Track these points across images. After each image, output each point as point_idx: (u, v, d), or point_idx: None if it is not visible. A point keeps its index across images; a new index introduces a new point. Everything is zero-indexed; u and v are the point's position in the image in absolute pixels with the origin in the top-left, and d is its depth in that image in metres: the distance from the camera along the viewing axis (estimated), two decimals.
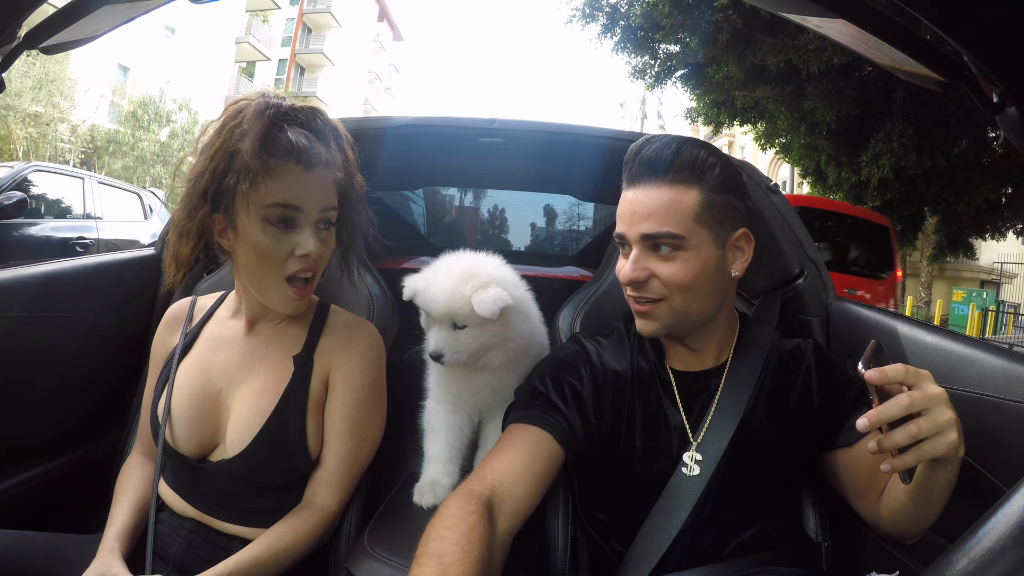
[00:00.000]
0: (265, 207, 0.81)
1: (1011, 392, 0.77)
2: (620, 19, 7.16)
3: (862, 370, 0.61)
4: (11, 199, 4.22)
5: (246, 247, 0.84)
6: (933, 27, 0.43)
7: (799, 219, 1.21)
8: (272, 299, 0.87)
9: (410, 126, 1.34)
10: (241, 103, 0.85)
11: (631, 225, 0.82)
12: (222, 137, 0.82)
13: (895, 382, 0.61)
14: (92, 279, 1.13)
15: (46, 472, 1.06)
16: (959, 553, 0.34)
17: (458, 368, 1.00)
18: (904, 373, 0.61)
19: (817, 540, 0.92)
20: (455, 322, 0.93)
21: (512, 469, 0.77)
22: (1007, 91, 0.47)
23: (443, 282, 0.92)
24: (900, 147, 6.15)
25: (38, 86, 12.90)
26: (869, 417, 0.60)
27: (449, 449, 1.02)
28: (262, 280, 0.86)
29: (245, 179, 0.79)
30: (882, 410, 0.60)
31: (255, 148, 0.79)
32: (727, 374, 0.87)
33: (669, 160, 0.80)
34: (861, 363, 0.62)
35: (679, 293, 0.81)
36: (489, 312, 0.88)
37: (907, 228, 8.63)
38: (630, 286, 0.84)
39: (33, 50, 0.65)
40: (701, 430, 0.83)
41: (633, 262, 0.82)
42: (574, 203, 2.67)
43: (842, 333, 1.10)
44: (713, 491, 0.81)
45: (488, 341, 0.94)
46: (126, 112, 15.90)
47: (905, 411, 0.60)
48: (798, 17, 0.57)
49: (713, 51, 6.38)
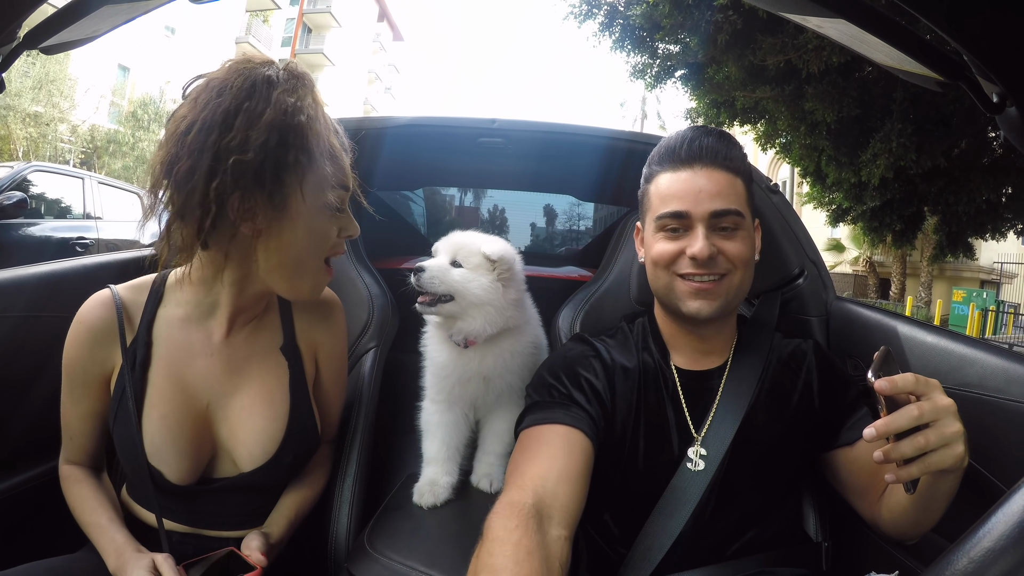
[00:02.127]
0: (332, 189, 0.78)
1: (1011, 392, 0.77)
2: (618, 17, 7.15)
3: (872, 379, 0.60)
4: (11, 199, 4.23)
5: (293, 232, 0.76)
6: (933, 27, 0.43)
7: (799, 219, 1.21)
8: (303, 286, 0.82)
9: (410, 126, 1.34)
10: (259, 70, 0.73)
11: (697, 203, 0.83)
12: (262, 104, 0.70)
13: (905, 392, 0.61)
14: (92, 279, 1.13)
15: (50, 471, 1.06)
16: (959, 553, 0.34)
17: (449, 354, 1.01)
18: (914, 383, 0.60)
19: (817, 540, 0.92)
20: (455, 259, 0.98)
21: (552, 471, 0.72)
22: (1007, 91, 0.47)
23: (467, 232, 1.02)
24: (899, 147, 6.17)
25: (38, 86, 12.92)
26: (877, 427, 0.59)
27: (447, 449, 1.02)
28: (302, 266, 0.80)
29: (315, 159, 0.74)
30: (891, 421, 0.59)
31: (330, 127, 0.77)
32: (728, 373, 0.87)
33: (725, 150, 0.86)
34: (871, 372, 0.61)
35: (741, 268, 0.85)
36: (492, 250, 0.95)
37: (906, 228, 8.64)
38: (700, 263, 0.83)
39: (33, 50, 0.64)
40: (704, 428, 0.83)
41: (704, 238, 0.83)
42: (574, 203, 2.67)
43: (842, 333, 1.10)
44: (715, 491, 0.81)
45: (470, 291, 0.96)
46: (126, 112, 15.96)
47: (914, 423, 0.59)
48: (798, 17, 0.57)
49: (713, 51, 6.42)
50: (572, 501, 0.71)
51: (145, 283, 0.86)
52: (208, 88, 0.72)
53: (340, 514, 0.96)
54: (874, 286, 14.50)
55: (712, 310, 0.85)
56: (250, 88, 0.71)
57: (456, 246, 0.99)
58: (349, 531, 0.94)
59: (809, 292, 1.14)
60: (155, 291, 0.85)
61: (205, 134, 0.69)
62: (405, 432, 1.11)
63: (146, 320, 0.82)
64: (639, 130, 9.62)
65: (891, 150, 6.19)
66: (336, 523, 0.96)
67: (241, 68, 0.73)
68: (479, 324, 0.97)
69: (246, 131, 0.69)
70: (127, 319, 0.82)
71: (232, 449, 0.82)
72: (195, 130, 0.69)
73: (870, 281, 14.66)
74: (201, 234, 0.72)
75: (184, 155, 0.69)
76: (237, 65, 0.74)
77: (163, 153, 0.72)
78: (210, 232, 0.73)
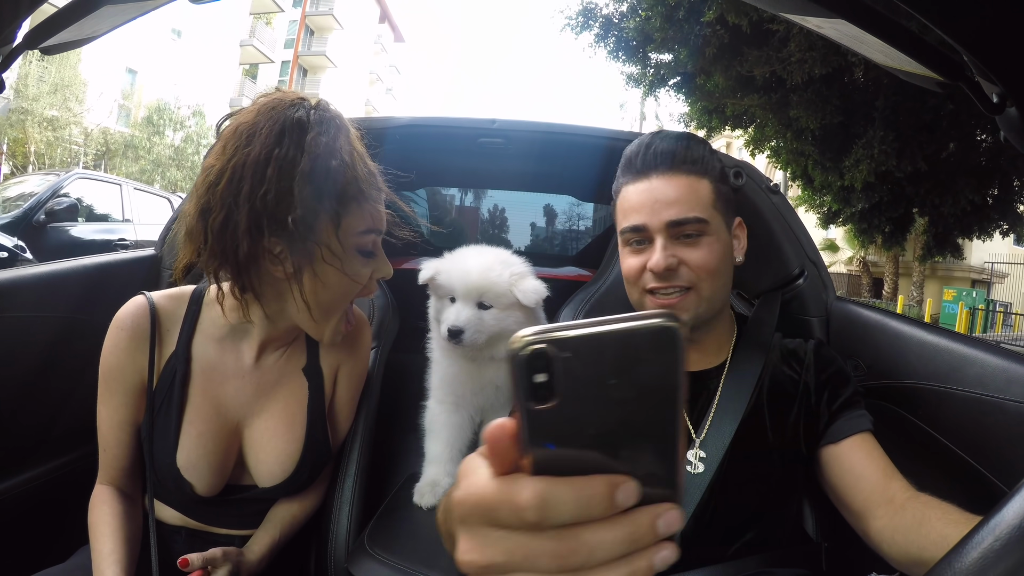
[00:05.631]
0: (366, 234, 0.77)
1: (1011, 392, 0.77)
2: (613, 29, 7.47)
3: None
4: (62, 204, 4.62)
5: (326, 276, 0.75)
6: (933, 27, 0.43)
7: (799, 219, 1.21)
8: (326, 329, 0.81)
9: (410, 126, 1.34)
10: (289, 112, 0.71)
11: (654, 214, 0.81)
12: (293, 150, 0.69)
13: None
14: (92, 279, 1.13)
15: (52, 470, 1.06)
16: (960, 553, 0.33)
17: (463, 366, 1.00)
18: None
19: (817, 540, 0.92)
20: (482, 301, 0.92)
21: None
22: (1007, 91, 0.47)
23: (476, 260, 0.93)
24: (880, 153, 6.40)
25: (54, 91, 13.49)
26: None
27: (450, 450, 1.02)
28: (332, 309, 0.79)
29: (348, 205, 0.73)
30: None
31: (364, 169, 0.75)
32: (727, 374, 0.86)
33: (683, 153, 0.83)
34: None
35: (707, 278, 0.81)
36: (532, 301, 0.90)
37: (896, 229, 8.81)
38: (659, 276, 0.81)
39: (33, 50, 0.64)
40: (703, 429, 0.83)
41: (662, 250, 0.80)
42: (574, 203, 2.67)
43: (842, 333, 1.10)
44: (716, 492, 0.80)
45: (508, 327, 0.93)
46: (141, 117, 16.61)
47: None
48: (798, 17, 0.57)
49: (702, 62, 6.76)
50: None
51: (183, 295, 0.86)
52: (236, 134, 0.71)
53: (340, 514, 0.96)
54: (868, 285, 14.82)
55: (683, 323, 0.84)
56: (279, 134, 0.69)
57: (479, 290, 0.92)
58: (349, 531, 0.94)
59: (809, 292, 1.14)
60: (193, 305, 0.85)
61: (236, 184, 0.69)
62: (405, 432, 1.10)
63: (185, 334, 0.82)
64: (639, 131, 9.77)
65: (873, 155, 6.45)
66: (336, 523, 0.96)
67: (270, 110, 0.72)
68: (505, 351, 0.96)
69: (278, 182, 0.68)
70: (165, 329, 0.82)
71: (254, 467, 0.84)
72: (224, 180, 0.69)
73: (864, 280, 14.97)
74: (240, 279, 0.73)
75: (217, 206, 0.70)
76: (266, 106, 0.72)
77: (196, 201, 0.73)
78: (244, 275, 0.73)
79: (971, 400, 0.80)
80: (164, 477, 0.79)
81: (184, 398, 0.80)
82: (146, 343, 0.80)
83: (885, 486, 0.74)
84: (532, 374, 0.25)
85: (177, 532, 0.85)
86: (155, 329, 0.81)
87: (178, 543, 0.84)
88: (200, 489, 0.79)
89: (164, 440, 0.79)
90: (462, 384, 1.02)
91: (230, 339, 0.84)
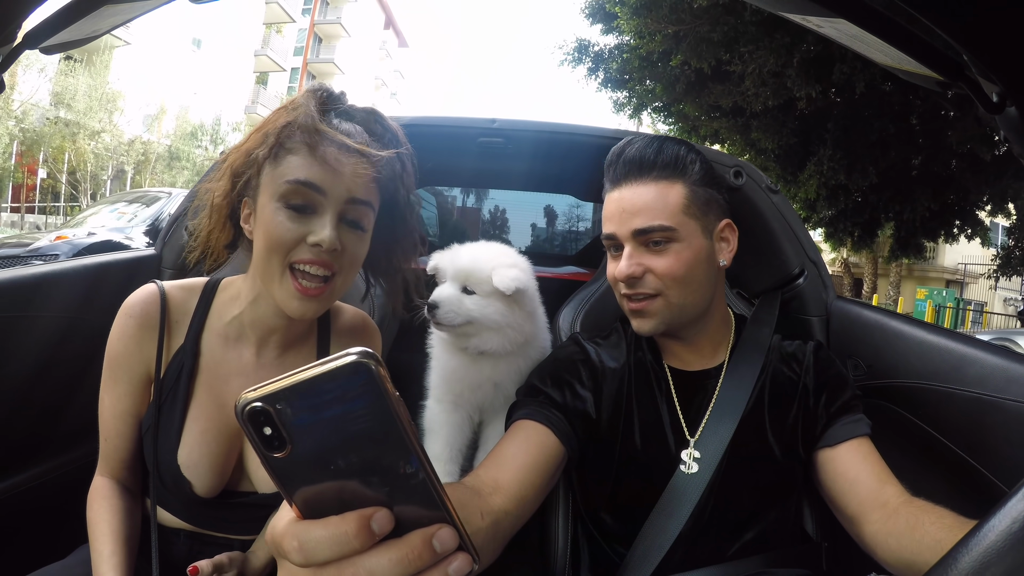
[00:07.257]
0: (284, 183, 0.71)
1: (1011, 392, 0.77)
2: (602, 63, 9.03)
3: None
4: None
5: (259, 232, 0.74)
6: (933, 26, 0.42)
7: (799, 219, 1.21)
8: (276, 294, 0.75)
9: (410, 126, 1.34)
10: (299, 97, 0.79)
11: (621, 223, 0.83)
12: (268, 119, 0.76)
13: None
14: (92, 279, 1.13)
15: (53, 469, 1.06)
16: (959, 553, 0.33)
17: (460, 360, 1.00)
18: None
19: (817, 540, 0.92)
20: (466, 285, 0.95)
21: (503, 458, 0.73)
22: (1007, 91, 0.47)
23: (470, 249, 0.97)
24: (829, 169, 7.54)
25: (100, 105, 14.70)
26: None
27: (450, 449, 1.02)
28: (267, 268, 0.74)
29: (273, 149, 0.72)
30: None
31: (285, 123, 0.74)
32: (725, 374, 0.86)
33: (652, 158, 0.83)
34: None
35: (674, 286, 0.82)
36: (504, 286, 0.90)
37: (864, 233, 9.48)
38: (625, 283, 0.84)
39: (33, 50, 0.64)
40: (698, 429, 0.83)
41: (627, 258, 0.82)
42: (574, 203, 2.67)
43: (842, 333, 1.10)
44: (714, 492, 0.80)
45: (488, 317, 0.94)
46: (170, 129, 18.14)
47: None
48: (798, 17, 0.57)
49: (675, 95, 8.28)
50: (513, 482, 0.69)
51: (196, 286, 0.84)
52: None
53: None
54: (848, 285, 15.82)
55: (651, 327, 0.85)
56: (277, 111, 0.77)
57: (465, 272, 0.94)
58: None
59: (809, 292, 1.14)
60: (205, 298, 0.83)
61: (236, 162, 0.77)
62: None
63: (195, 328, 0.81)
64: (637, 131, 10.27)
65: (823, 171, 7.59)
66: None
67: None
68: (497, 343, 0.96)
69: (246, 139, 0.76)
70: (174, 320, 0.80)
71: (253, 472, 0.83)
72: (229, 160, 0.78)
73: (845, 280, 15.98)
74: (226, 236, 0.79)
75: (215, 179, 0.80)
76: None
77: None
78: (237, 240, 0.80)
79: (971, 400, 0.80)
80: (164, 474, 0.78)
81: (189, 394, 0.78)
82: (154, 333, 0.78)
83: (879, 491, 0.74)
84: (259, 428, 0.28)
85: (176, 533, 0.84)
86: (165, 319, 0.79)
87: (178, 543, 0.83)
88: (199, 489, 0.78)
89: (167, 436, 0.78)
90: (460, 381, 1.02)
91: (234, 337, 0.83)
